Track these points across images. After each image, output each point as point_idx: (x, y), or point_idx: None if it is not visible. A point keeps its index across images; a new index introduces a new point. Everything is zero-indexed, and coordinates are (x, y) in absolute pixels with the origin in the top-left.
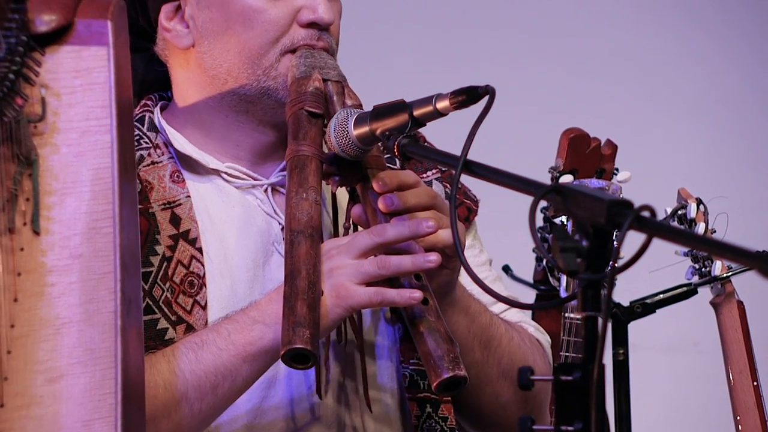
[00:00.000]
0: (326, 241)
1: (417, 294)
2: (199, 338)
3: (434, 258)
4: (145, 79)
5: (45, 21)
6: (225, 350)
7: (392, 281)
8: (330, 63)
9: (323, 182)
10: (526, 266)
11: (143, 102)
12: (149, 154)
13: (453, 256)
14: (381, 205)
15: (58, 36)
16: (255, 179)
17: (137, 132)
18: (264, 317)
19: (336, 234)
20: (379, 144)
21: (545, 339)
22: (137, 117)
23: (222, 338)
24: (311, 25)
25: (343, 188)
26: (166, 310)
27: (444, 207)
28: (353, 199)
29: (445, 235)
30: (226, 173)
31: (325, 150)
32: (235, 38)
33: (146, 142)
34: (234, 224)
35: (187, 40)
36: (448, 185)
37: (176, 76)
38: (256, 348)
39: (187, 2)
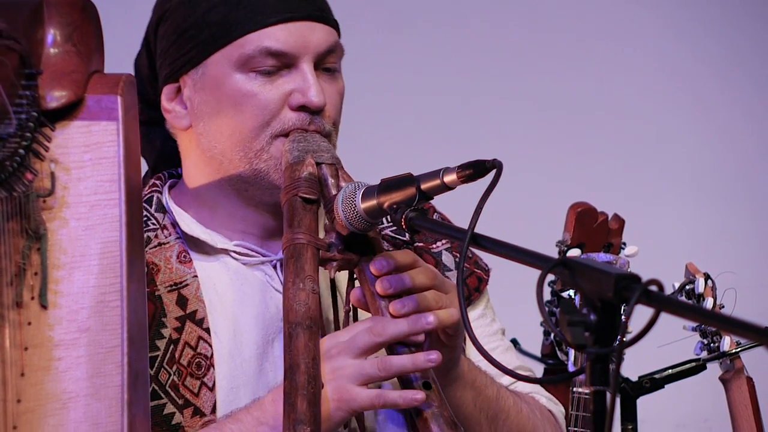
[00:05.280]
0: (326, 337)
1: (419, 395)
2: None
3: (435, 357)
4: (163, 152)
5: (56, 97)
6: None
7: (391, 348)
8: (323, 146)
9: (321, 268)
10: (533, 340)
11: (152, 182)
12: (156, 236)
13: (454, 335)
14: (379, 288)
15: (68, 111)
16: (264, 255)
17: (145, 213)
18: (268, 418)
19: (336, 318)
20: (379, 224)
21: (558, 410)
22: (146, 197)
23: None
24: (302, 108)
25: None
26: (172, 394)
27: (445, 285)
28: (353, 282)
29: (446, 315)
30: (234, 251)
31: (322, 234)
32: (227, 121)
33: (153, 224)
34: (243, 302)
35: (185, 121)
36: (458, 255)
37: (182, 155)
38: None
39: (185, 84)
